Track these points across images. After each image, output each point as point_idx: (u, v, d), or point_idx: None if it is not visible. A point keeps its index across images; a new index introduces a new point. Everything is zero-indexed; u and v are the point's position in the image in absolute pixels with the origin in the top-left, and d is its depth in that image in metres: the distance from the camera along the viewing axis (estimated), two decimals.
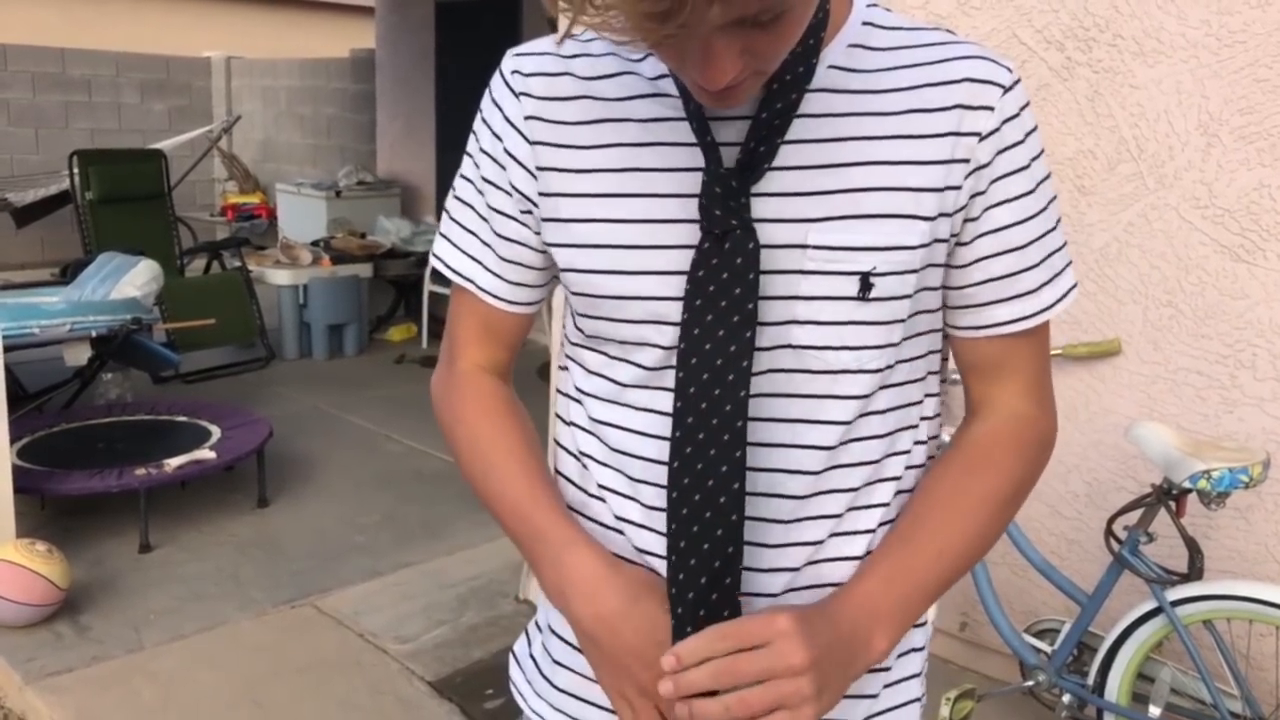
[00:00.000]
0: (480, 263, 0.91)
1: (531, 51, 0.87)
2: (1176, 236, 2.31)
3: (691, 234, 0.79)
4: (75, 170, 5.50)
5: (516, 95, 0.86)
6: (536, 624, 0.99)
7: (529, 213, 0.87)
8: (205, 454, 3.43)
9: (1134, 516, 2.13)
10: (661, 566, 0.83)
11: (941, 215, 0.79)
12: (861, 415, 0.82)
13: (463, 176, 0.92)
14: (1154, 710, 2.09)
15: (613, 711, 0.88)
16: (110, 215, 5.50)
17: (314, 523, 3.59)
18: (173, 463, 3.34)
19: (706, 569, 0.77)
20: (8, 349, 3.21)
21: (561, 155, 0.84)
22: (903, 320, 0.81)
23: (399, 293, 6.49)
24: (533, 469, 0.88)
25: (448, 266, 0.93)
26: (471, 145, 0.90)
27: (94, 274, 4.20)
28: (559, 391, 0.94)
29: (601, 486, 0.87)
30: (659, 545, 0.84)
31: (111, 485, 3.18)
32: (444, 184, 7.20)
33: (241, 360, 5.43)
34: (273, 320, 5.71)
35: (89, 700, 2.49)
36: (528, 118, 0.85)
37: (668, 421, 0.82)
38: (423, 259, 6.21)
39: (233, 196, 8.79)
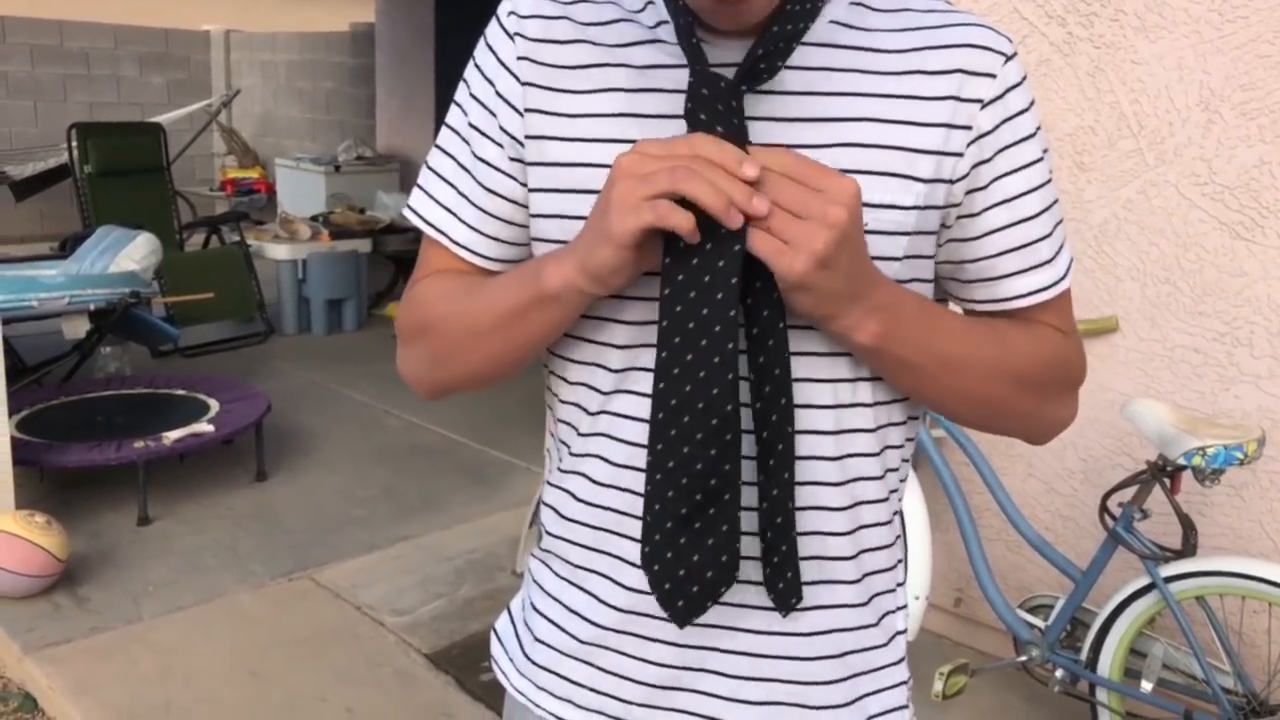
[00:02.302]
0: (455, 214, 0.87)
1: None
2: (1175, 213, 2.30)
3: None
4: (74, 143, 5.48)
5: (510, 36, 0.84)
6: (521, 601, 0.97)
7: (517, 160, 0.84)
8: (203, 427, 3.44)
9: (1129, 493, 2.14)
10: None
11: (938, 180, 0.78)
12: (857, 381, 0.80)
13: (447, 125, 0.89)
14: (1146, 685, 2.11)
15: (596, 690, 0.87)
16: (109, 189, 5.48)
17: (312, 496, 3.60)
18: (171, 436, 3.35)
19: (693, 476, 0.73)
20: (6, 322, 3.21)
21: (553, 98, 0.82)
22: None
23: (398, 268, 6.48)
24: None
25: (420, 217, 0.89)
26: (460, 93, 0.88)
27: (92, 247, 4.19)
28: (550, 372, 0.91)
29: (587, 451, 0.84)
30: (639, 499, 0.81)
31: (110, 458, 3.19)
32: None
33: (240, 335, 5.42)
34: (271, 295, 5.70)
35: (87, 670, 2.51)
36: (520, 58, 0.83)
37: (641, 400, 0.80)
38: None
39: (232, 171, 8.76)
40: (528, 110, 0.83)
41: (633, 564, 0.82)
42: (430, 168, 0.90)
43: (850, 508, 0.83)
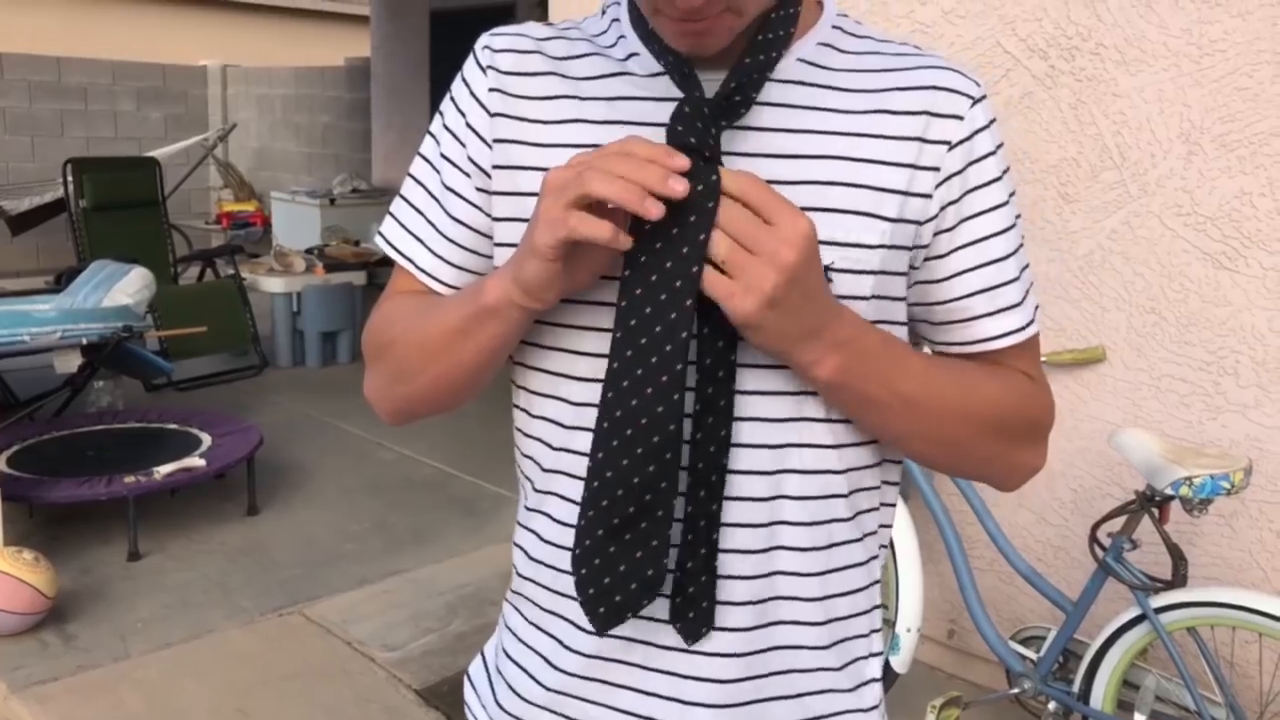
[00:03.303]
0: (422, 241, 0.89)
1: (506, 31, 0.88)
2: (1159, 244, 2.32)
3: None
4: (70, 178, 5.51)
5: (483, 69, 0.86)
6: (494, 646, 0.97)
7: (483, 191, 0.85)
8: (195, 462, 3.43)
9: (1118, 523, 2.14)
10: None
11: (904, 220, 0.78)
12: (829, 421, 0.80)
13: (420, 155, 0.90)
14: (1139, 717, 2.09)
15: None
16: (104, 223, 5.51)
17: (303, 530, 3.59)
18: (162, 470, 3.34)
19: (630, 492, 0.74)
20: None
21: (522, 128, 0.83)
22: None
23: None
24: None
25: (389, 244, 0.91)
26: (435, 123, 0.90)
27: (86, 281, 4.20)
28: (515, 406, 0.92)
29: (557, 475, 0.84)
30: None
31: (100, 493, 3.18)
32: None
33: (235, 368, 5.42)
34: (266, 328, 5.71)
35: (74, 709, 2.49)
36: (491, 90, 0.85)
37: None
38: None
39: (228, 204, 8.81)
40: (496, 141, 0.84)
41: None
42: (402, 195, 0.91)
43: (824, 549, 0.82)
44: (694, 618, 0.79)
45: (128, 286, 4.12)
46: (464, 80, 0.87)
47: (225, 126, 8.20)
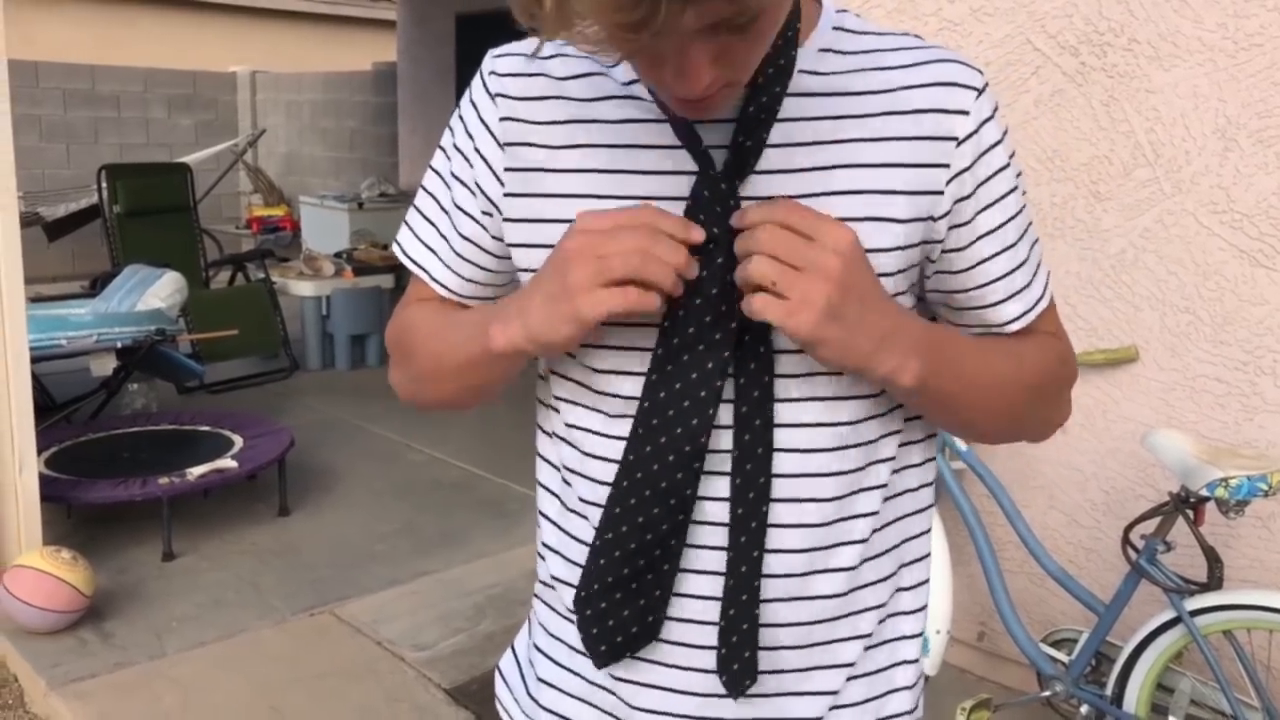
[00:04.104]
0: (436, 254, 0.91)
1: (510, 52, 0.87)
2: (1194, 242, 2.30)
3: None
4: (104, 184, 5.59)
5: (492, 96, 0.85)
6: (525, 640, 0.98)
7: (489, 214, 0.87)
8: (227, 463, 3.47)
9: (1152, 525, 2.12)
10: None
11: (916, 219, 0.78)
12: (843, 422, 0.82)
13: (432, 168, 0.92)
14: None
15: None
16: (137, 228, 5.58)
17: (334, 531, 3.62)
18: (195, 472, 3.38)
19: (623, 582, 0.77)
20: (36, 360, 3.27)
21: (534, 154, 0.83)
22: None
23: None
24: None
25: (405, 254, 0.93)
26: (445, 139, 0.91)
27: (120, 286, 4.26)
28: (539, 401, 0.93)
29: (582, 501, 0.85)
30: None
31: (135, 494, 3.22)
32: None
33: (265, 371, 5.48)
34: (296, 331, 5.76)
35: (112, 706, 2.52)
36: (502, 119, 0.85)
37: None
38: None
39: (257, 209, 8.90)
40: (508, 170, 0.84)
41: None
42: (417, 208, 0.93)
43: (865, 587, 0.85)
44: (738, 670, 0.80)
45: (160, 290, 4.19)
46: (473, 103, 0.87)
47: (255, 132, 8.29)
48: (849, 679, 0.86)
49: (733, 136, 0.77)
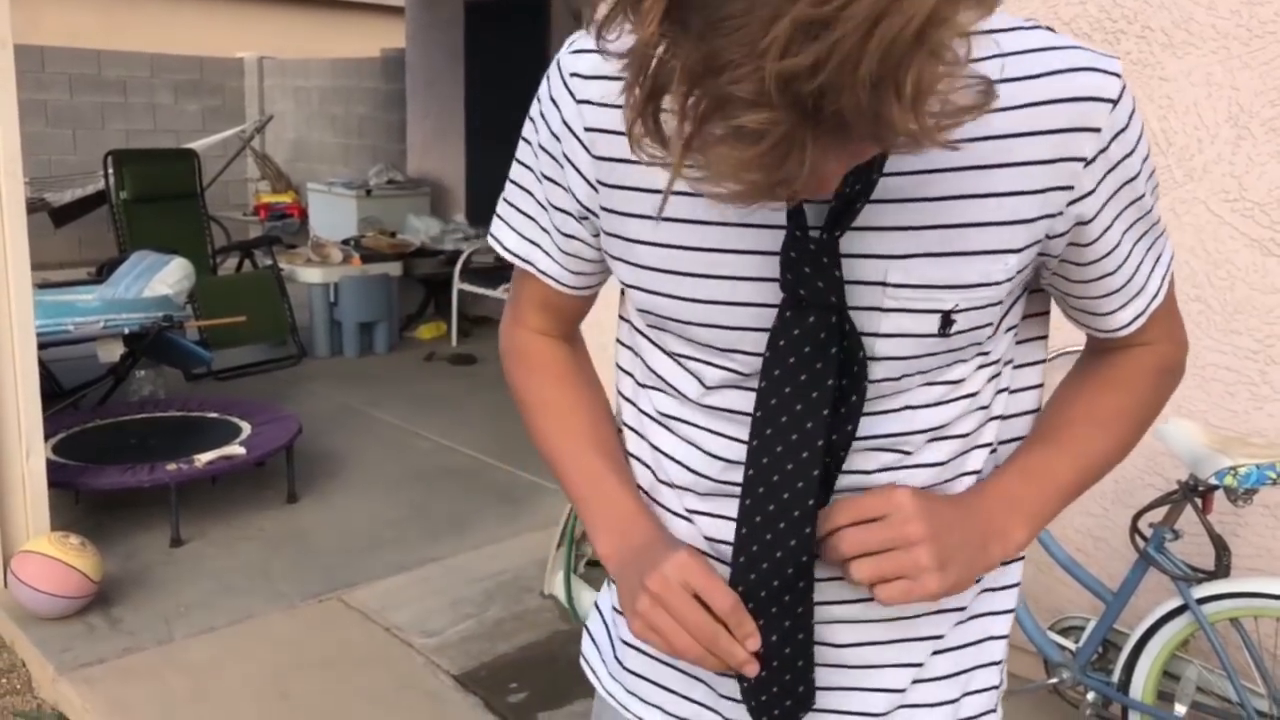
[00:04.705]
0: (540, 247, 0.89)
1: (589, 49, 0.80)
2: (1205, 230, 2.28)
3: (767, 265, 0.75)
4: (110, 170, 5.59)
5: (577, 103, 0.80)
6: (609, 601, 0.98)
7: (586, 219, 0.84)
8: (235, 450, 3.48)
9: (1160, 513, 2.11)
10: (728, 553, 0.83)
11: (1032, 245, 0.74)
12: (935, 430, 0.82)
13: (520, 162, 0.88)
14: (1179, 708, 2.07)
15: (684, 696, 0.89)
16: (144, 214, 5.59)
17: (342, 518, 3.63)
18: (203, 458, 3.39)
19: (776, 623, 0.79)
20: (43, 346, 3.28)
21: (624, 172, 0.79)
22: (980, 343, 0.79)
23: (428, 291, 6.54)
24: (597, 441, 0.90)
25: (506, 249, 0.91)
26: (529, 132, 0.86)
27: (127, 272, 4.27)
28: (619, 367, 0.92)
29: (671, 478, 0.87)
30: (723, 533, 0.84)
31: (144, 480, 3.24)
32: (473, 183, 7.24)
33: (273, 358, 5.49)
34: (304, 318, 5.77)
35: (120, 691, 2.54)
36: (589, 129, 0.80)
37: (727, 443, 0.83)
38: (452, 257, 6.25)
39: (265, 196, 8.90)
40: (600, 184, 0.81)
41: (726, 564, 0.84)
42: (509, 202, 0.90)
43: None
44: (802, 692, 0.82)
45: (168, 277, 4.19)
46: (554, 102, 0.82)
47: (262, 118, 8.29)
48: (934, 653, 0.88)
49: (836, 193, 0.70)
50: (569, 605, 2.89)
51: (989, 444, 0.84)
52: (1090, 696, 2.22)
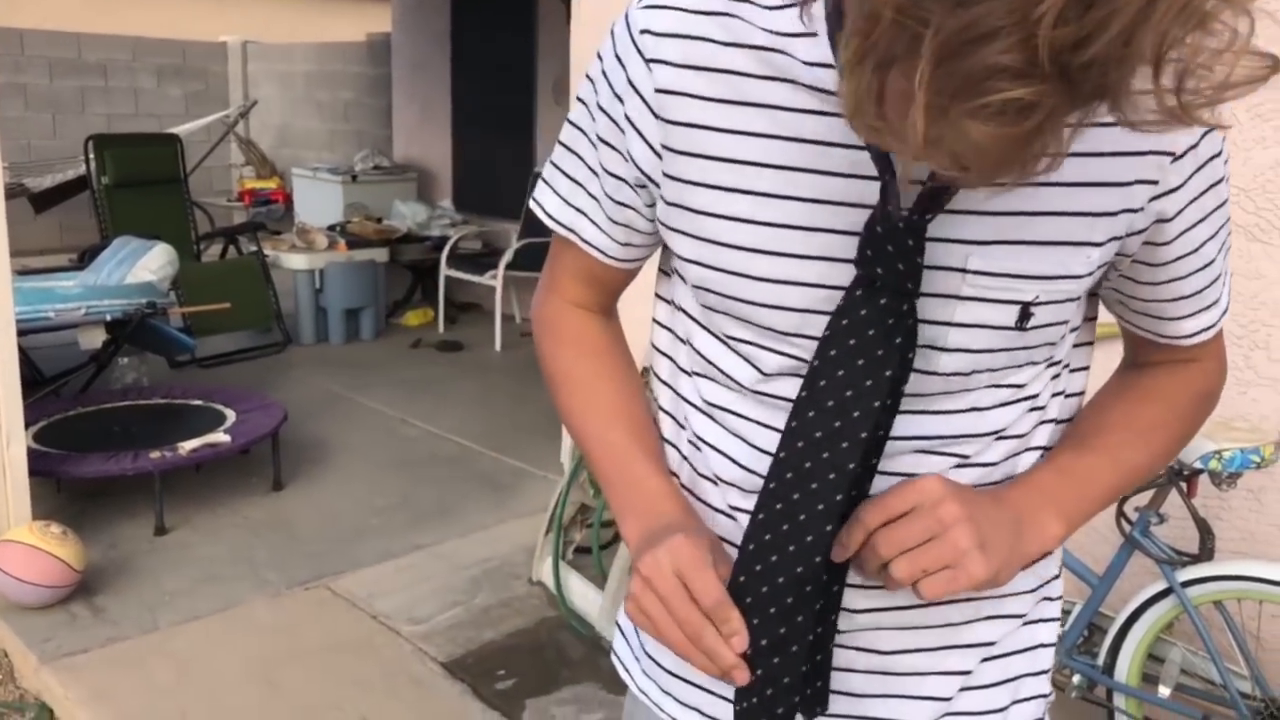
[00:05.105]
0: (586, 215, 0.85)
1: (666, 4, 0.75)
2: None
3: (842, 245, 0.72)
4: (91, 155, 5.54)
5: (646, 61, 0.75)
6: None
7: (643, 186, 0.80)
8: (220, 437, 3.46)
9: (1145, 497, 2.12)
10: None
11: (1113, 239, 0.72)
12: (995, 432, 0.80)
13: (573, 125, 0.83)
14: (1164, 690, 2.08)
15: (720, 696, 0.86)
16: (126, 200, 5.53)
17: (328, 505, 3.62)
18: (187, 446, 3.37)
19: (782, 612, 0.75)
20: (23, 333, 3.25)
21: (696, 138, 0.74)
22: (1054, 343, 0.77)
23: (415, 277, 6.51)
24: (630, 419, 0.86)
25: (549, 216, 0.87)
26: (586, 93, 0.81)
27: (109, 258, 4.23)
28: (655, 348, 0.89)
29: (715, 472, 0.83)
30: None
31: (127, 468, 3.21)
32: (460, 168, 7.20)
33: (258, 345, 5.46)
34: (289, 305, 5.74)
35: (104, 680, 2.52)
36: (660, 90, 0.74)
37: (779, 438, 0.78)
38: (439, 243, 6.22)
39: (249, 182, 8.83)
40: (666, 149, 0.76)
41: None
42: (557, 166, 0.86)
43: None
44: (810, 695, 0.79)
45: (150, 263, 4.16)
46: (620, 60, 0.76)
47: (246, 103, 8.21)
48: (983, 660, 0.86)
49: (932, 173, 0.67)
50: (557, 592, 2.89)
51: (1041, 447, 0.82)
52: (1076, 679, 2.23)
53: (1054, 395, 0.82)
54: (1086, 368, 0.85)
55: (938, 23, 0.47)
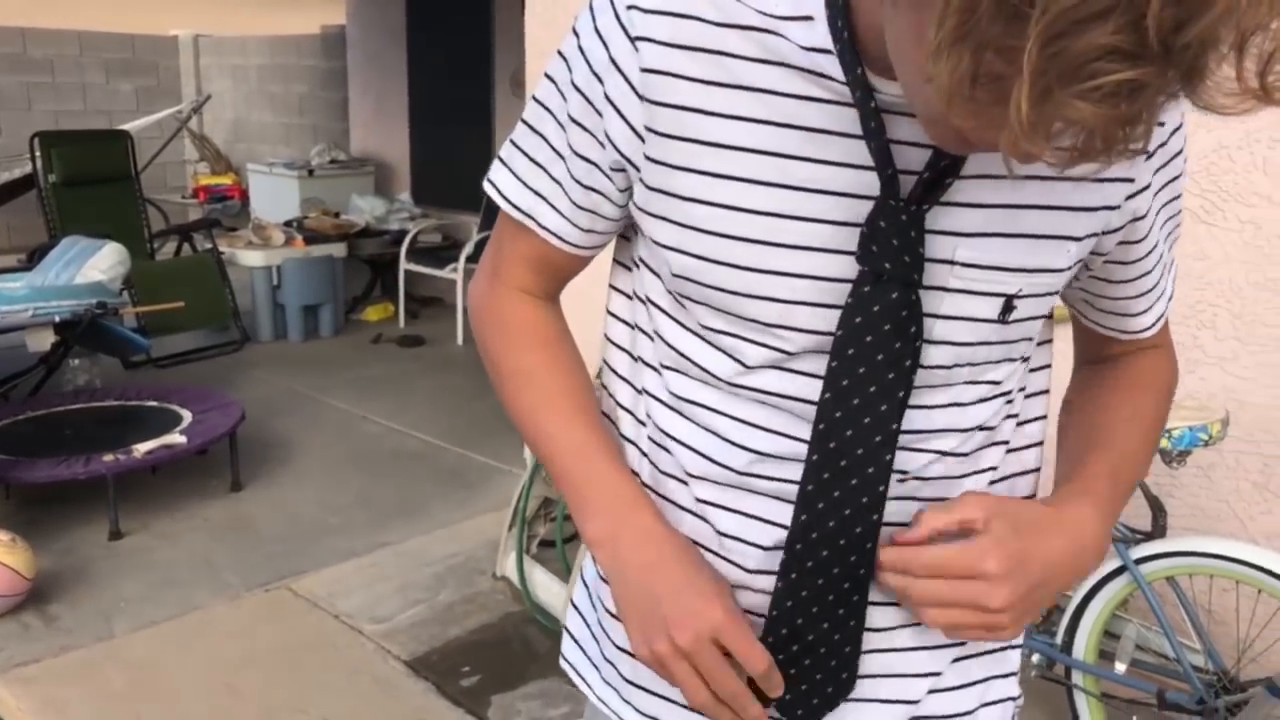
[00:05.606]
0: (546, 199, 0.80)
1: None
2: None
3: (835, 235, 0.71)
4: (37, 153, 5.42)
5: (632, 39, 0.71)
6: (589, 600, 0.93)
7: (621, 170, 0.76)
8: (175, 439, 3.41)
9: None
10: (741, 550, 0.79)
11: (1090, 235, 0.74)
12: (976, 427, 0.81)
13: (539, 103, 0.79)
14: (1120, 666, 2.11)
15: (684, 706, 0.84)
16: (75, 198, 5.43)
17: (288, 505, 3.58)
18: (142, 448, 3.31)
19: (813, 621, 0.77)
20: None
21: (683, 120, 0.71)
22: (1031, 339, 0.78)
23: (374, 272, 6.45)
24: (586, 414, 0.83)
25: (505, 198, 0.82)
26: (558, 71, 0.77)
27: (57, 258, 4.14)
28: (610, 341, 0.86)
29: (688, 472, 0.81)
30: (740, 529, 0.79)
31: (79, 472, 3.16)
32: (418, 161, 7.14)
33: (215, 344, 5.38)
34: (246, 302, 5.66)
35: (57, 690, 2.48)
36: (646, 70, 0.71)
37: (757, 433, 0.78)
38: (398, 237, 6.16)
39: (204, 178, 8.70)
40: (650, 131, 0.73)
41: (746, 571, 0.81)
42: (517, 145, 0.82)
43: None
44: (832, 692, 0.80)
45: (100, 263, 4.08)
46: (599, 35, 0.73)
47: (199, 98, 8.09)
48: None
49: (931, 159, 0.68)
50: (522, 586, 2.88)
51: (1004, 441, 0.83)
52: (1035, 658, 2.26)
53: (1019, 390, 0.83)
54: (1048, 366, 0.86)
55: (1045, 2, 0.46)
